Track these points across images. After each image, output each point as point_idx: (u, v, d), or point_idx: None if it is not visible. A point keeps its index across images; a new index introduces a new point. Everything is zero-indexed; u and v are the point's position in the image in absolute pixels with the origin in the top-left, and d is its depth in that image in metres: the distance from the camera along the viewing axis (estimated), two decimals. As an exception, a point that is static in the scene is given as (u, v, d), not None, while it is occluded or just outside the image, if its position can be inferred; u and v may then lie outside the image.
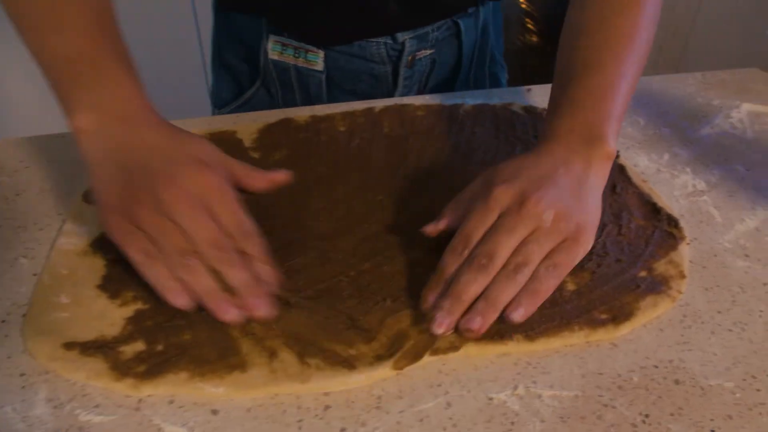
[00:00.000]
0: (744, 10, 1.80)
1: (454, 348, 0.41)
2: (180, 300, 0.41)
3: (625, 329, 0.44)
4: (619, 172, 0.58)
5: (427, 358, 0.41)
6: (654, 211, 0.53)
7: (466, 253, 0.42)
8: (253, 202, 0.53)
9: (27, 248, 0.49)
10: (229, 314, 0.41)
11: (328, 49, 0.69)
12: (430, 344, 0.41)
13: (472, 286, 0.41)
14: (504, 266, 0.41)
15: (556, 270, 0.42)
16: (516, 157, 0.48)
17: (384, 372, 0.40)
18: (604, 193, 0.54)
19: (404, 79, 0.72)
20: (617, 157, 0.60)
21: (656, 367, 0.42)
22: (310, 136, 0.61)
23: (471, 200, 0.46)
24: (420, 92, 0.75)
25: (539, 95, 0.70)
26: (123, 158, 0.43)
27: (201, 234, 0.41)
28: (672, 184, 0.58)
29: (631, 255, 0.49)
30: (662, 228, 0.51)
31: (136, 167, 0.43)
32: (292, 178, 0.48)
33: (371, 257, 0.48)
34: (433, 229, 0.46)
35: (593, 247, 0.49)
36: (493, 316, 0.41)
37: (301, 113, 0.65)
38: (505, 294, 0.41)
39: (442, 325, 0.40)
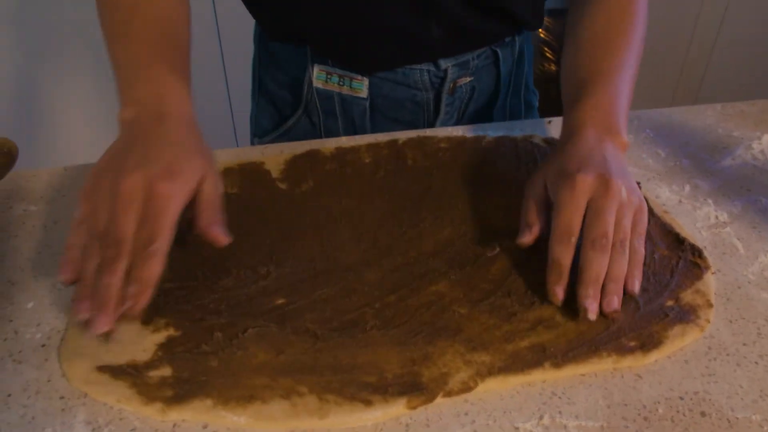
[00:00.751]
0: (761, 40, 1.81)
1: (467, 388, 0.42)
2: (63, 274, 0.44)
3: (653, 357, 0.44)
4: (640, 203, 0.58)
5: (439, 399, 0.41)
6: (677, 241, 0.54)
7: (574, 240, 0.47)
8: (281, 232, 0.55)
9: (64, 275, 0.51)
10: (76, 311, 0.43)
11: (372, 77, 0.71)
12: (442, 385, 0.42)
13: (603, 267, 0.46)
14: (612, 244, 0.46)
15: (642, 239, 0.48)
16: (557, 152, 0.53)
17: (398, 410, 0.41)
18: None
19: (446, 105, 0.74)
20: (638, 187, 0.60)
21: (681, 398, 0.42)
22: (336, 168, 0.63)
23: (539, 200, 0.51)
24: (459, 119, 0.77)
25: (559, 127, 0.71)
26: (131, 143, 0.47)
27: (116, 228, 0.43)
28: (694, 215, 0.59)
29: (657, 285, 0.49)
30: (686, 258, 0.52)
31: (131, 152, 0.46)
32: (224, 244, 0.48)
33: (396, 290, 0.49)
34: (529, 238, 0.50)
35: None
36: (622, 293, 0.46)
37: (328, 144, 0.66)
38: (623, 270, 0.46)
39: (594, 310, 0.45)
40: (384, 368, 0.43)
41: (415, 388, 0.41)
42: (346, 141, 0.67)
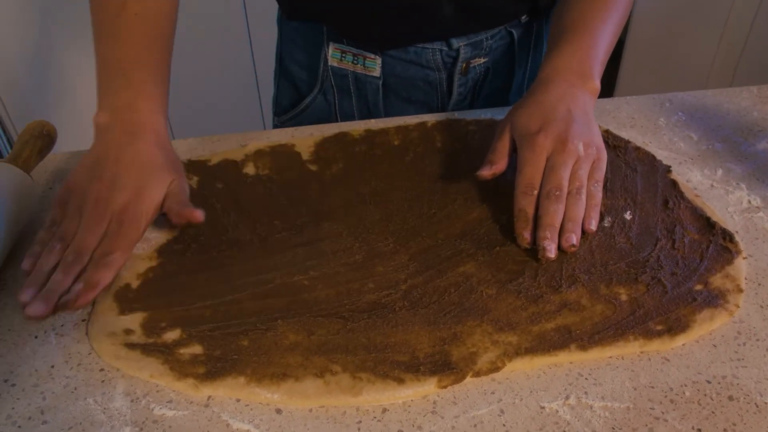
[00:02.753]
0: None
1: (495, 368, 0.42)
2: (25, 265, 0.47)
3: (680, 341, 0.44)
4: (671, 187, 0.58)
5: (469, 379, 0.42)
6: (708, 225, 0.53)
7: (536, 193, 0.53)
8: (311, 214, 0.56)
9: (103, 253, 0.53)
10: (20, 293, 0.45)
11: (385, 55, 0.71)
12: (471, 365, 0.42)
13: (557, 214, 0.51)
14: (568, 192, 0.52)
15: (599, 184, 0.54)
16: (530, 97, 0.58)
17: (429, 389, 0.41)
18: (657, 208, 0.55)
19: (458, 86, 0.74)
20: (669, 171, 0.60)
21: (709, 382, 0.42)
22: (365, 150, 0.64)
23: (505, 144, 0.57)
24: (473, 101, 0.76)
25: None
26: (103, 160, 0.50)
27: (81, 240, 0.47)
28: (726, 200, 0.58)
29: (686, 269, 0.49)
30: (717, 242, 0.51)
31: (104, 172, 0.49)
32: (200, 219, 0.50)
33: (424, 271, 0.50)
34: (488, 173, 0.56)
35: (647, 261, 0.50)
36: (579, 231, 0.51)
37: (357, 127, 0.67)
38: (580, 212, 0.52)
39: (552, 250, 0.50)
40: (415, 347, 0.44)
41: (446, 367, 0.42)
42: (375, 123, 0.68)
